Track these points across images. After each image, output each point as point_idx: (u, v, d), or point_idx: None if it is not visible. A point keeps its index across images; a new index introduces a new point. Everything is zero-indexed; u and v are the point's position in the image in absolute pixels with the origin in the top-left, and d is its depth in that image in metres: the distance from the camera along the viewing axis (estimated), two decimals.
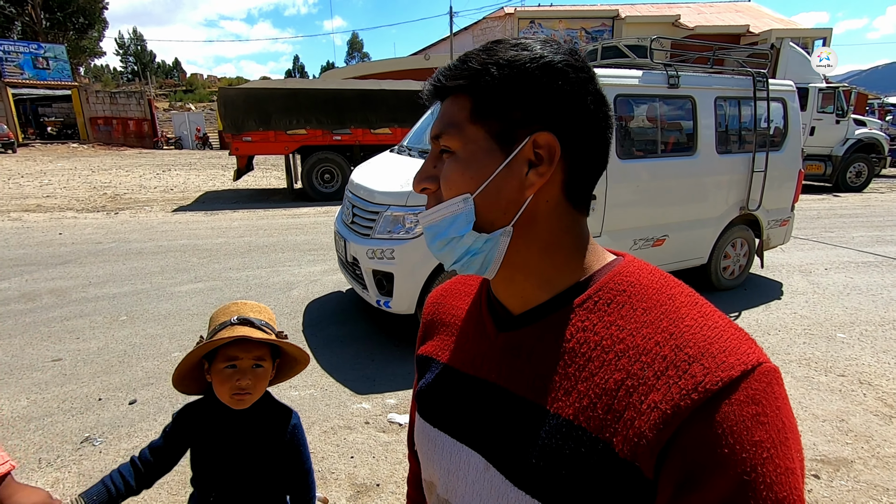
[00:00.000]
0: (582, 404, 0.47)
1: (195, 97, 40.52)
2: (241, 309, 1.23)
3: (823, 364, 3.35)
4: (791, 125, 4.71)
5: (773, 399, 0.43)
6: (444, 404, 0.61)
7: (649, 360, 0.46)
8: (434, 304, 0.73)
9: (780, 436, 0.41)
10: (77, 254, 6.04)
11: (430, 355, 0.67)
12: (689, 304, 0.49)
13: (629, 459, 0.43)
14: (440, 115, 0.55)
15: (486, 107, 0.52)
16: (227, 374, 1.14)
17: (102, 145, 27.16)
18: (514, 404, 0.52)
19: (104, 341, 3.64)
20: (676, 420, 0.42)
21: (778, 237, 4.95)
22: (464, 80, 0.53)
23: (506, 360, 0.55)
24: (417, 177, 0.57)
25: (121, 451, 2.43)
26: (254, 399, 1.17)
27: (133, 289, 4.78)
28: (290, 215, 8.82)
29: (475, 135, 0.52)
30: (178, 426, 1.24)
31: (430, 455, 0.61)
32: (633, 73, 3.89)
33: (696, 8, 26.23)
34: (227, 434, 1.20)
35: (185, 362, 1.17)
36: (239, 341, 1.14)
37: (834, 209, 9.34)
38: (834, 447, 2.51)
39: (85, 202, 10.09)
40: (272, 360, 1.22)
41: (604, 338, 0.49)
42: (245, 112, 9.89)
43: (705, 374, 0.42)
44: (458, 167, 0.53)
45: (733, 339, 0.45)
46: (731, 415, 0.41)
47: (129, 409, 2.80)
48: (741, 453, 0.40)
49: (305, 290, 4.75)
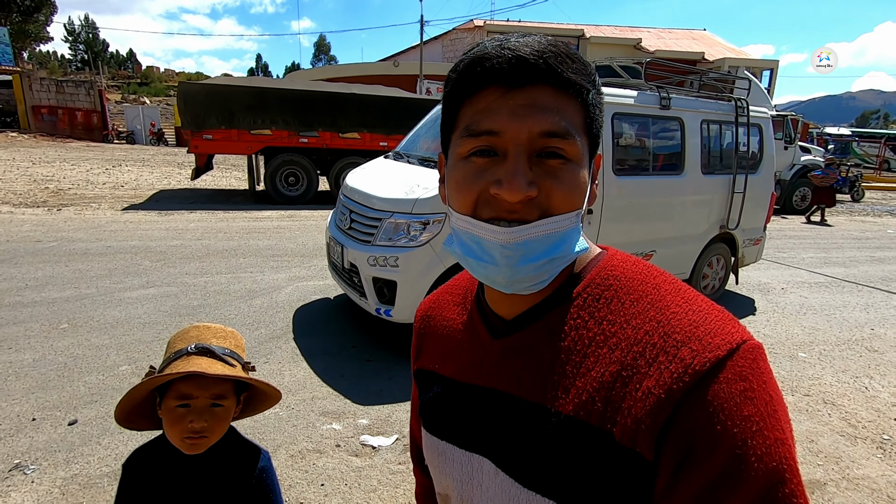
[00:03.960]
0: (581, 399, 0.48)
1: (150, 90, 38.75)
2: (202, 334, 1.05)
3: (790, 383, 3.43)
4: (766, 149, 4.98)
5: (759, 374, 0.44)
6: (449, 416, 0.61)
7: (641, 350, 0.47)
8: (424, 318, 0.71)
9: (768, 409, 0.43)
10: (12, 253, 5.52)
11: (429, 369, 0.67)
12: (672, 292, 0.51)
13: (630, 447, 0.45)
14: (548, 109, 0.47)
15: (593, 120, 0.52)
16: (178, 414, 0.96)
17: (45, 136, 25.43)
18: (516, 407, 0.53)
19: (41, 352, 3.29)
20: (671, 403, 0.43)
21: (751, 255, 5.18)
22: (586, 82, 0.50)
23: (504, 366, 0.55)
24: (520, 181, 0.47)
25: (57, 481, 2.16)
26: (210, 443, 1.00)
27: (76, 293, 4.38)
28: (252, 218, 8.45)
29: (584, 146, 0.51)
30: (127, 477, 1.05)
31: (443, 468, 0.61)
32: (629, 92, 4.02)
33: (656, 33, 27.42)
34: (183, 480, 1.02)
35: (128, 398, 0.98)
36: (195, 376, 0.97)
37: (783, 231, 9.83)
38: (807, 469, 2.53)
39: (23, 196, 9.33)
40: (237, 395, 1.05)
41: (596, 333, 0.51)
42: (207, 108, 9.46)
43: (693, 357, 0.44)
44: (580, 177, 0.50)
45: (717, 320, 0.47)
46: (721, 392, 0.42)
47: (67, 430, 2.51)
48: (732, 429, 0.41)
49: (268, 299, 4.49)
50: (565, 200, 0.49)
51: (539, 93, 0.48)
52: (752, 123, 4.75)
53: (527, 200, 0.48)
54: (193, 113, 9.46)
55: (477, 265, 0.51)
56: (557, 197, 0.49)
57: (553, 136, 0.48)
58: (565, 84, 0.48)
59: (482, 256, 0.50)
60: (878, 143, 26.43)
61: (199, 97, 9.52)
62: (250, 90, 10.00)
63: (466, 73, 0.50)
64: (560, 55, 0.48)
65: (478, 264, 0.51)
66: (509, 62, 0.47)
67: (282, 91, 10.23)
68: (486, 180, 0.49)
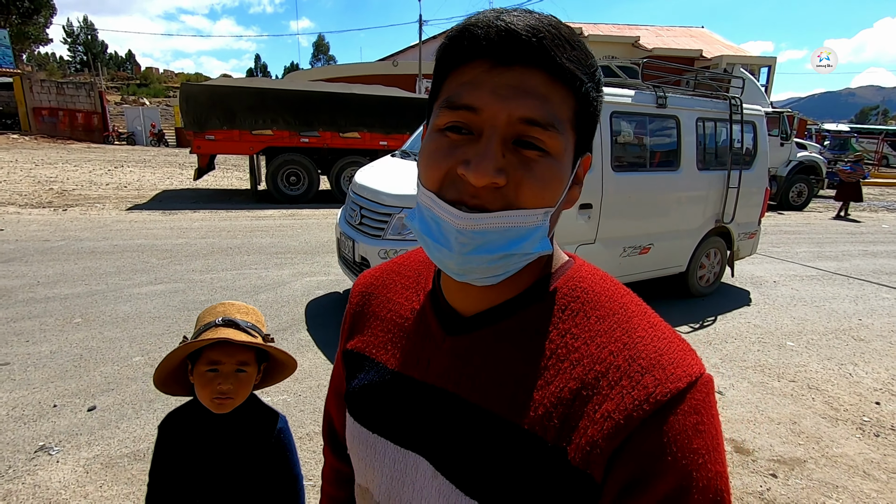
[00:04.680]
0: (538, 413, 0.47)
1: (150, 91, 38.83)
2: (228, 310, 1.21)
3: (776, 370, 3.57)
4: (760, 146, 5.14)
5: (710, 408, 0.45)
6: (385, 409, 0.57)
7: (604, 370, 0.46)
8: (364, 295, 0.67)
9: (713, 442, 0.44)
10: (22, 252, 5.66)
11: (364, 352, 0.62)
12: (639, 314, 0.50)
13: (582, 468, 0.44)
14: (535, 94, 0.44)
15: (584, 115, 0.47)
16: (208, 378, 1.12)
17: (46, 137, 25.54)
18: (466, 412, 0.50)
19: (57, 344, 3.43)
20: (628, 429, 0.43)
21: (746, 248, 5.34)
22: (582, 72, 0.46)
23: (456, 366, 0.52)
24: (488, 165, 0.43)
25: (80, 460, 2.29)
26: (236, 404, 1.15)
27: (87, 289, 4.52)
28: (254, 217, 8.58)
29: (569, 142, 0.47)
30: (163, 435, 1.20)
31: (369, 461, 0.57)
32: (626, 92, 4.18)
33: (655, 31, 27.49)
34: (211, 438, 1.17)
35: (165, 363, 1.13)
36: (222, 344, 1.12)
37: (779, 226, 9.96)
38: (788, 448, 2.67)
39: (29, 197, 9.46)
40: (258, 364, 1.20)
41: (559, 346, 0.49)
42: (209, 109, 9.58)
43: (656, 386, 0.44)
44: (556, 174, 0.46)
45: (679, 350, 0.47)
46: (676, 424, 0.43)
47: (87, 415, 2.65)
48: (682, 460, 0.42)
49: (273, 294, 4.63)
50: (534, 196, 0.45)
51: (528, 75, 0.44)
52: (746, 121, 4.90)
53: (492, 188, 0.44)
54: (195, 114, 9.57)
55: (433, 246, 0.48)
56: (526, 190, 0.45)
57: (533, 125, 0.44)
58: (558, 70, 0.44)
59: (438, 238, 0.47)
60: (876, 140, 26.57)
61: (201, 98, 9.64)
62: (251, 91, 10.12)
63: (456, 41, 0.46)
64: (558, 38, 0.44)
65: (433, 245, 0.48)
66: (499, 35, 0.43)
67: (282, 91, 10.35)
68: (456, 158, 0.45)
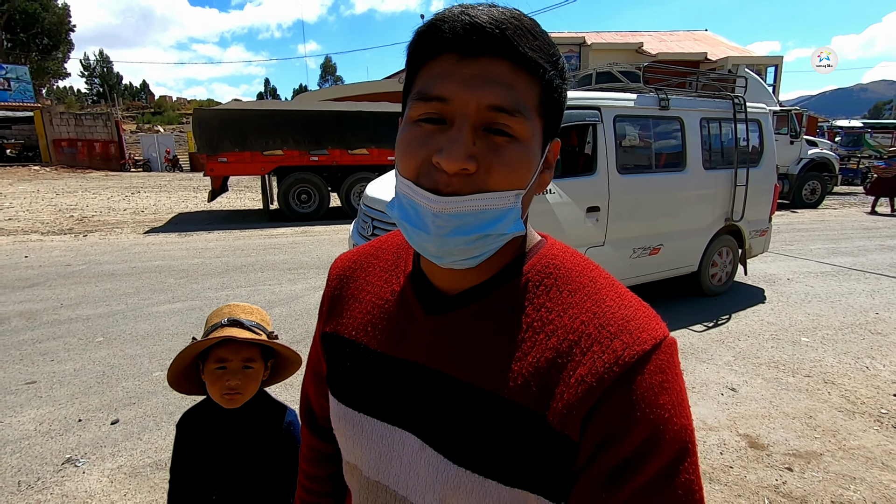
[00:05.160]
0: (517, 383, 0.49)
1: (164, 119, 39.88)
2: (233, 311, 1.28)
3: (791, 366, 3.54)
4: (766, 143, 5.16)
5: (674, 367, 0.49)
6: (369, 388, 0.59)
7: (576, 339, 0.49)
8: (342, 277, 0.68)
9: (678, 398, 0.48)
10: (45, 276, 5.85)
11: (344, 335, 0.64)
12: (607, 286, 0.53)
13: (560, 430, 0.47)
14: (501, 83, 0.46)
15: (549, 102, 0.50)
16: (217, 375, 1.19)
17: (66, 168, 26.32)
18: (448, 386, 0.53)
19: (80, 363, 3.54)
20: (600, 390, 0.46)
21: (758, 246, 5.32)
22: (545, 61, 0.48)
23: (437, 343, 0.55)
24: (459, 151, 0.46)
25: (105, 471, 2.37)
26: (245, 399, 1.21)
27: (108, 310, 4.66)
28: (267, 235, 8.74)
29: (536, 127, 0.50)
30: (181, 432, 1.27)
31: (356, 438, 0.59)
32: (629, 96, 4.27)
33: (658, 36, 27.58)
34: (224, 433, 1.23)
35: (176, 363, 1.20)
36: (228, 342, 1.19)
37: (792, 224, 9.85)
38: (804, 442, 2.65)
39: (51, 225, 9.76)
40: (264, 360, 1.26)
41: (534, 319, 0.52)
42: (221, 133, 9.84)
43: (625, 349, 0.47)
44: (524, 158, 0.49)
45: (644, 316, 0.51)
46: (644, 383, 0.46)
47: (111, 428, 2.74)
48: (650, 415, 0.45)
49: (287, 308, 4.72)
50: (504, 179, 0.48)
51: (493, 65, 0.46)
52: (751, 119, 4.93)
53: (464, 174, 0.47)
54: (208, 137, 9.84)
55: (412, 231, 0.51)
56: (496, 174, 0.48)
57: (501, 111, 0.46)
58: (522, 60, 0.47)
59: (417, 223, 0.50)
60: (891, 134, 26.13)
61: (213, 122, 9.91)
62: (261, 113, 10.38)
63: (424, 36, 0.49)
64: (521, 29, 0.47)
65: (413, 231, 0.50)
66: (465, 29, 0.46)
67: (292, 112, 10.59)
68: (430, 147, 0.48)
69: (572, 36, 25.04)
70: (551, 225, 3.79)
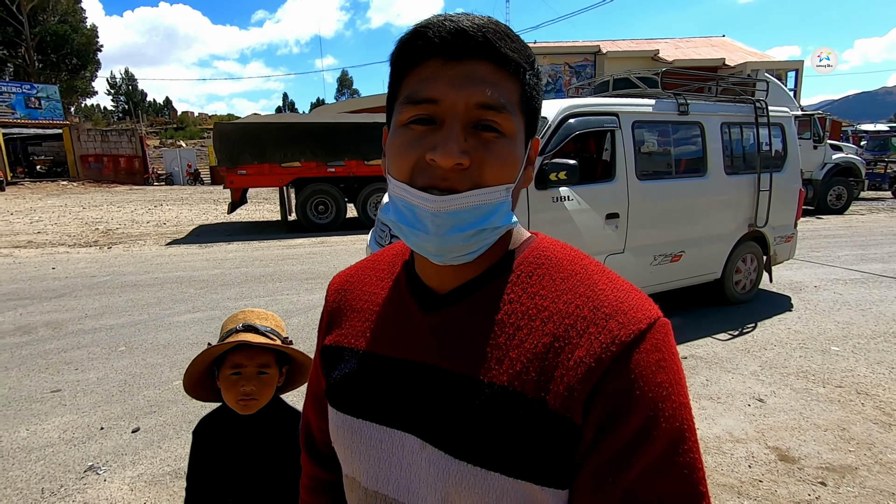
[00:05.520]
0: (515, 370, 0.50)
1: (186, 134, 40.91)
2: (248, 317, 1.27)
3: (821, 376, 3.41)
4: (790, 147, 5.06)
5: (669, 346, 0.49)
6: (368, 393, 0.58)
7: (572, 322, 0.50)
8: (340, 291, 0.69)
9: (675, 377, 0.48)
10: (71, 287, 5.99)
11: (343, 344, 0.64)
12: (598, 272, 0.54)
13: (562, 413, 0.47)
14: (486, 82, 0.49)
15: (529, 100, 0.53)
16: (232, 381, 1.18)
17: (92, 182, 27.13)
18: (447, 380, 0.53)
19: (103, 371, 3.60)
20: (599, 370, 0.46)
21: (784, 252, 5.19)
22: (524, 61, 0.51)
23: (435, 340, 0.55)
24: (453, 146, 0.48)
25: (126, 479, 2.39)
26: (260, 405, 1.20)
27: (130, 320, 4.74)
28: (285, 246, 8.84)
29: (520, 123, 0.52)
30: (197, 439, 1.26)
31: (354, 447, 0.59)
32: (647, 101, 4.24)
33: (674, 43, 27.39)
34: (240, 439, 1.22)
35: (192, 369, 1.20)
36: (243, 348, 1.18)
37: (818, 230, 9.60)
38: (837, 455, 2.54)
39: (77, 237, 10.04)
40: (279, 366, 1.25)
41: (529, 307, 0.53)
42: (240, 146, 10.04)
43: (620, 329, 0.48)
44: (512, 152, 0.51)
45: (637, 298, 0.51)
46: (641, 361, 0.47)
47: (132, 437, 2.76)
48: (648, 393, 0.46)
49: (305, 318, 4.74)
50: (497, 173, 0.50)
51: (478, 66, 0.49)
52: (774, 123, 4.84)
53: (459, 169, 0.49)
54: (228, 151, 10.04)
55: (410, 233, 0.51)
56: (489, 168, 0.49)
57: (489, 109, 0.49)
58: (503, 60, 0.49)
59: (415, 224, 0.50)
60: None
61: (233, 136, 10.12)
62: (280, 126, 10.57)
63: (410, 43, 0.51)
64: (499, 32, 0.50)
65: (410, 232, 0.51)
66: (450, 33, 0.48)
67: (309, 125, 10.76)
68: (423, 147, 0.49)
69: (587, 45, 25.04)
70: (570, 232, 3.74)
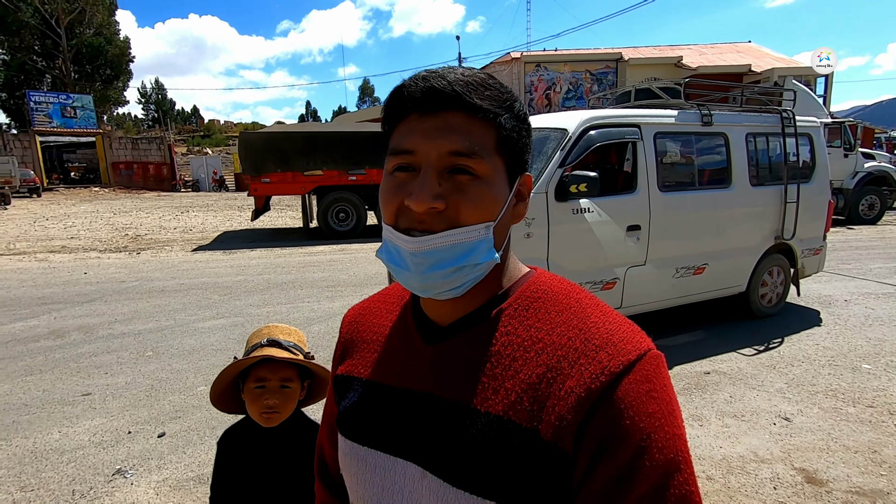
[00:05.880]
0: (510, 400, 0.52)
1: (212, 142, 42.00)
2: (272, 331, 1.31)
3: (851, 395, 3.31)
4: (818, 158, 4.94)
5: (661, 378, 0.51)
6: (374, 421, 0.61)
7: (564, 353, 0.52)
8: (353, 323, 0.72)
9: (668, 408, 0.49)
10: (102, 292, 6.19)
11: (353, 374, 0.67)
12: (592, 305, 0.57)
13: (553, 442, 0.48)
14: (457, 131, 0.52)
15: (507, 141, 0.55)
16: (256, 394, 1.22)
17: (123, 189, 28.03)
18: (446, 410, 0.55)
19: (131, 376, 3.71)
20: (589, 401, 0.48)
21: (812, 265, 5.06)
22: (496, 107, 0.54)
23: (436, 370, 0.58)
24: (425, 193, 0.51)
25: (152, 483, 2.46)
26: (282, 418, 1.23)
27: (157, 325, 4.88)
28: (307, 253, 8.98)
29: (497, 165, 0.55)
30: (221, 450, 1.30)
31: (360, 475, 0.61)
32: (669, 112, 4.20)
33: (698, 49, 27.02)
34: (263, 451, 1.25)
35: (218, 382, 1.24)
36: (266, 362, 1.22)
37: (849, 241, 9.31)
38: (868, 479, 2.45)
39: (108, 243, 10.37)
40: (301, 380, 1.28)
41: (525, 339, 0.55)
42: (264, 154, 10.27)
43: (610, 360, 0.49)
44: (488, 193, 0.54)
45: (629, 331, 0.53)
46: (631, 392, 0.48)
47: (158, 441, 2.84)
48: (639, 423, 0.47)
49: (325, 326, 4.81)
50: (471, 213, 0.53)
51: (450, 117, 0.52)
52: (801, 133, 4.74)
53: (434, 212, 0.52)
54: (252, 159, 10.28)
55: (397, 271, 0.56)
56: (464, 210, 0.52)
57: (459, 155, 0.52)
58: (474, 109, 0.53)
59: (400, 263, 0.55)
60: None
61: (258, 144, 10.36)
62: (303, 135, 10.78)
63: (393, 101, 0.56)
64: (471, 84, 0.53)
65: (397, 270, 0.55)
66: (422, 91, 0.53)
67: (331, 134, 10.95)
68: (403, 193, 0.53)
69: (608, 52, 24.88)
70: (590, 244, 3.72)
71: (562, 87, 24.04)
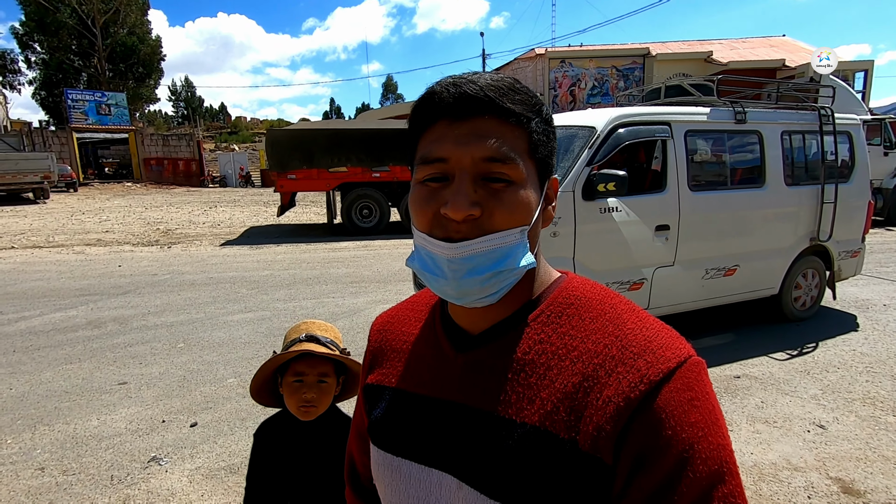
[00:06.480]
0: (546, 410, 0.51)
1: (239, 138, 42.84)
2: (310, 327, 1.35)
3: (890, 404, 3.19)
4: (858, 157, 4.77)
5: (703, 385, 0.49)
6: (407, 431, 0.60)
7: (601, 361, 0.51)
8: (381, 332, 0.72)
9: (712, 416, 0.48)
10: (136, 285, 6.40)
11: (383, 383, 0.66)
12: (628, 311, 0.55)
13: (592, 453, 0.47)
14: (491, 136, 0.52)
15: (538, 145, 0.55)
16: (294, 388, 1.25)
17: (154, 184, 28.85)
18: (481, 420, 0.54)
19: (164, 367, 3.83)
20: (628, 410, 0.47)
21: (849, 268, 4.89)
22: (528, 111, 0.54)
23: (468, 379, 0.57)
24: (463, 201, 0.51)
25: (185, 471, 2.54)
26: (319, 411, 1.26)
27: (188, 318, 5.02)
28: (331, 249, 9.10)
29: (530, 169, 0.55)
30: (258, 441, 1.34)
31: (394, 486, 0.60)
32: (701, 109, 4.11)
33: (729, 44, 26.29)
34: (299, 444, 1.29)
35: (259, 375, 1.28)
36: (305, 357, 1.25)
37: (888, 243, 8.95)
38: None
39: (140, 237, 10.70)
40: (337, 376, 1.31)
41: (559, 347, 0.54)
42: (290, 151, 10.42)
43: (649, 368, 0.48)
44: (522, 198, 0.53)
45: (667, 337, 0.52)
46: (672, 400, 0.47)
47: (190, 431, 2.93)
48: (681, 433, 0.46)
49: (349, 321, 4.87)
50: (507, 219, 0.52)
51: (482, 122, 0.52)
52: (840, 131, 4.58)
53: (471, 219, 0.51)
54: (279, 156, 10.45)
55: (432, 279, 0.55)
56: (499, 216, 0.52)
57: (494, 161, 0.51)
58: (506, 114, 0.52)
59: (435, 270, 0.54)
60: None
61: (284, 141, 10.52)
62: (328, 132, 10.90)
63: (421, 109, 0.55)
64: (502, 89, 0.53)
65: (432, 278, 0.54)
66: (454, 97, 0.52)
67: (356, 131, 11.04)
68: (437, 202, 0.53)
69: (635, 47, 24.42)
70: (617, 244, 3.67)
71: (587, 83, 23.70)
